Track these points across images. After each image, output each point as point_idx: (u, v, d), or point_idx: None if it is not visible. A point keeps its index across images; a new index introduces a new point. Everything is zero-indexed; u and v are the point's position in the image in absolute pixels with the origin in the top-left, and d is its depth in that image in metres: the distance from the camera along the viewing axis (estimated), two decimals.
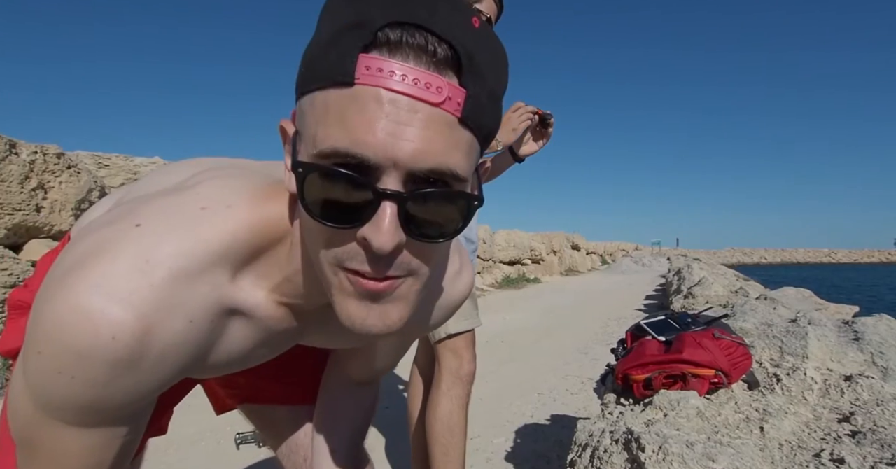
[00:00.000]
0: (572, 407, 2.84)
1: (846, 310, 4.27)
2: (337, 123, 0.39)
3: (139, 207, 0.49)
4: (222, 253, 0.48)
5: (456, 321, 1.46)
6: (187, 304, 0.46)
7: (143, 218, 0.47)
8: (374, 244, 0.41)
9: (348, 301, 0.46)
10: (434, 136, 0.40)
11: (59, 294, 0.42)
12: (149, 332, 0.43)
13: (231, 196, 0.51)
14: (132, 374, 0.44)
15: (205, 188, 0.51)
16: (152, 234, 0.45)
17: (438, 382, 1.46)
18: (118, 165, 4.82)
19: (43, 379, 0.43)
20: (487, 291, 9.03)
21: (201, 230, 0.47)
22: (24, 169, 3.28)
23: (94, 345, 0.41)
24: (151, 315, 0.43)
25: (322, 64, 0.40)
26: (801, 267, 61.30)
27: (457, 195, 0.43)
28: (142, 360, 0.44)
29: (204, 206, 0.49)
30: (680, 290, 5.79)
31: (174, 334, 0.45)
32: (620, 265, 20.00)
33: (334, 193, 0.41)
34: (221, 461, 2.05)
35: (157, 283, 0.44)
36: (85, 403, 0.44)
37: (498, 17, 1.55)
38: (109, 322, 0.42)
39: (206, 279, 0.47)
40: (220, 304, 0.49)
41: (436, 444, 1.43)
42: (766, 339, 1.55)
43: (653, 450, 0.88)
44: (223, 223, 0.48)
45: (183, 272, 0.45)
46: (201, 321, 0.48)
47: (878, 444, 0.90)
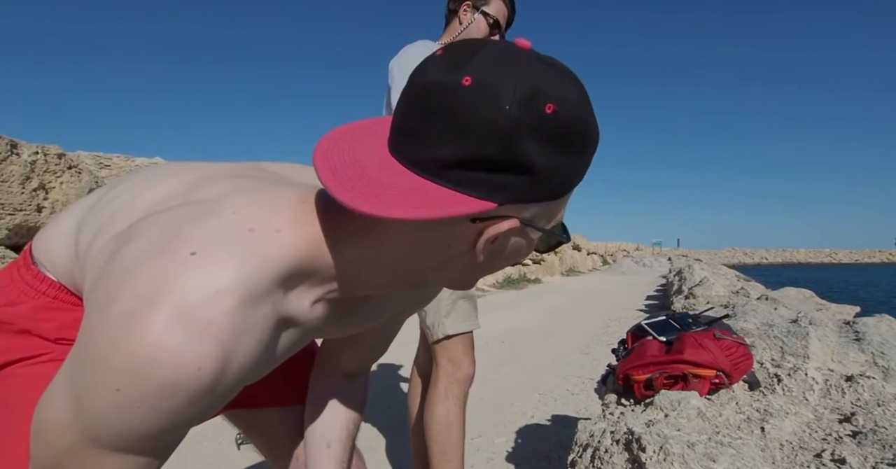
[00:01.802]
0: (573, 407, 2.84)
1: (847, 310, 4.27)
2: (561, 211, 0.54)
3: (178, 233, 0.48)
4: (281, 276, 0.49)
5: (455, 322, 1.46)
6: (257, 326, 0.47)
7: (194, 244, 0.47)
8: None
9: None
10: None
11: (133, 332, 0.42)
12: (230, 357, 0.45)
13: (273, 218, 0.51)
14: (209, 400, 0.46)
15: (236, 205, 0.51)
16: (212, 261, 0.46)
17: (436, 383, 1.46)
18: (119, 166, 4.83)
19: (115, 414, 0.43)
20: (488, 291, 9.02)
21: (260, 255, 0.48)
22: (24, 169, 3.28)
23: (181, 378, 0.42)
24: (230, 341, 0.45)
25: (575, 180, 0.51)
26: (802, 267, 61.23)
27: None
28: (220, 384, 0.45)
29: (251, 228, 0.49)
30: (681, 290, 5.79)
31: (250, 356, 0.47)
32: (621, 265, 19.99)
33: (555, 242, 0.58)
34: (222, 461, 2.05)
35: (230, 310, 0.44)
36: (156, 432, 0.45)
37: (509, 21, 1.54)
38: (195, 354, 0.42)
39: (268, 300, 0.48)
40: (279, 319, 0.51)
41: (434, 444, 1.43)
42: (767, 339, 1.55)
43: (654, 450, 0.88)
44: (279, 248, 0.49)
45: (250, 297, 0.46)
46: (268, 339, 0.49)
47: (880, 445, 0.90)
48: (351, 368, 0.84)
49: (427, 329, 1.49)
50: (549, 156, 0.45)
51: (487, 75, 0.43)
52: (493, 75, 0.43)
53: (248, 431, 0.90)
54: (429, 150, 0.44)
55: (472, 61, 0.44)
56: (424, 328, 1.51)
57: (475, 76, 0.43)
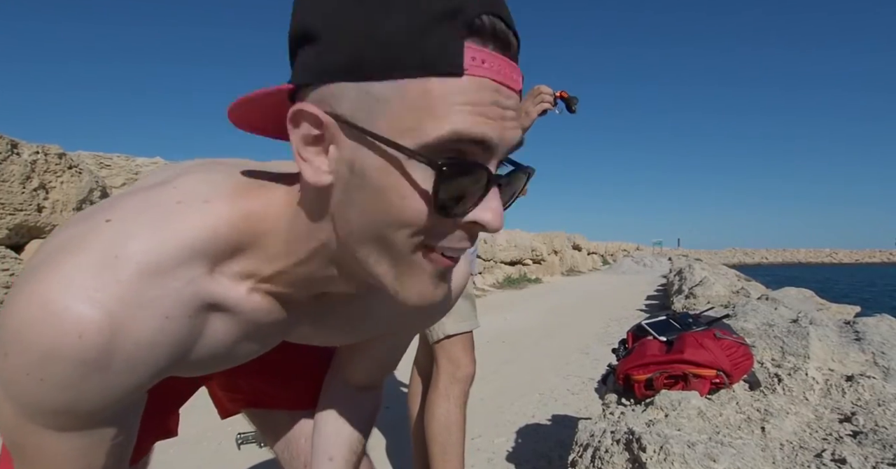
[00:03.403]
0: (573, 407, 2.84)
1: (847, 310, 4.27)
2: (451, 111, 0.39)
3: (113, 203, 0.48)
4: (199, 248, 0.46)
5: (454, 322, 1.46)
6: (161, 301, 0.44)
7: (114, 213, 0.46)
8: (491, 226, 0.43)
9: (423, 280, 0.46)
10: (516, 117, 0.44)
11: (24, 292, 0.41)
12: (118, 329, 0.42)
13: (208, 191, 0.49)
14: (104, 374, 0.43)
15: (181, 182, 0.50)
16: (122, 228, 0.44)
17: (436, 383, 1.46)
18: (120, 166, 4.83)
19: (13, 382, 0.42)
20: (489, 291, 9.02)
21: (176, 225, 0.45)
22: (25, 169, 3.29)
23: (59, 344, 0.40)
24: (120, 312, 0.42)
25: (417, 53, 0.38)
26: (802, 267, 61.23)
27: (528, 168, 0.49)
28: (113, 359, 0.42)
29: (180, 201, 0.47)
30: (681, 290, 5.79)
31: (148, 332, 0.44)
32: (622, 265, 19.98)
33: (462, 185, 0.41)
34: (223, 461, 2.05)
35: (126, 278, 0.42)
36: (59, 406, 0.43)
37: None
38: (75, 320, 0.40)
39: (179, 274, 0.45)
40: (198, 300, 0.47)
41: (434, 444, 1.43)
42: (767, 339, 1.55)
43: (654, 450, 0.88)
44: (200, 218, 0.46)
45: (154, 267, 0.43)
46: (178, 318, 0.46)
47: (880, 445, 0.90)
48: (359, 381, 0.82)
49: (427, 329, 1.49)
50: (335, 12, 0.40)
51: None
52: None
53: (263, 430, 0.90)
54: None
55: None
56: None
57: None
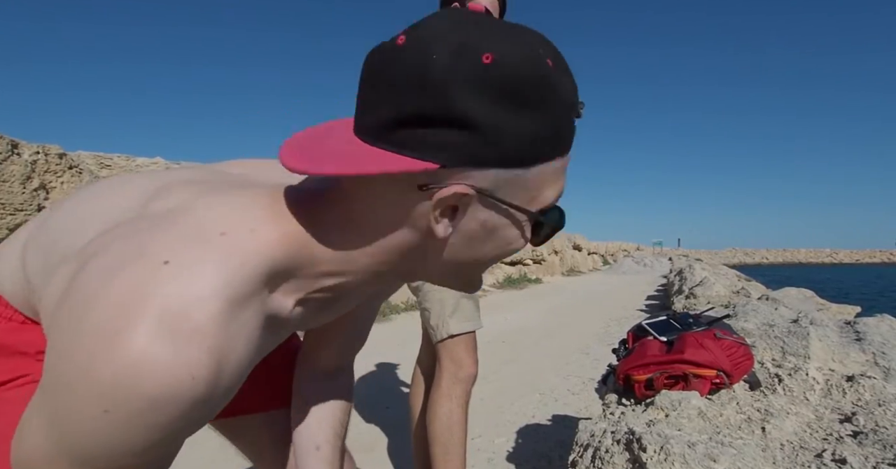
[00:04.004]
0: (574, 407, 2.84)
1: (848, 310, 4.27)
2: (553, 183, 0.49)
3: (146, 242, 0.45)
4: (262, 276, 0.47)
5: (458, 322, 1.46)
6: (245, 329, 0.45)
7: (165, 253, 0.44)
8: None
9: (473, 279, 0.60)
10: None
11: (115, 347, 0.39)
12: (221, 363, 0.43)
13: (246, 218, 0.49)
14: (205, 408, 0.44)
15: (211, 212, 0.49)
16: (187, 268, 0.43)
17: (438, 382, 1.46)
18: (120, 166, 4.83)
19: (106, 436, 0.40)
20: (489, 291, 9.02)
21: (237, 256, 0.46)
22: (25, 169, 3.29)
23: (174, 390, 0.40)
24: (221, 347, 0.42)
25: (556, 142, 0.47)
26: (802, 267, 61.19)
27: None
28: (216, 393, 0.44)
29: (223, 232, 0.47)
30: (681, 290, 5.79)
31: (240, 360, 0.45)
32: (622, 265, 19.97)
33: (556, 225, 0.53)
34: (223, 461, 2.06)
35: (216, 314, 0.42)
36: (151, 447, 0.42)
37: (502, 10, 1.54)
38: (186, 364, 0.40)
39: (254, 300, 0.46)
40: (265, 320, 0.49)
41: (436, 444, 1.44)
42: (767, 339, 1.55)
43: (654, 450, 0.88)
44: (255, 247, 0.47)
45: (234, 300, 0.44)
46: (258, 341, 0.48)
47: (881, 445, 0.89)
48: (332, 363, 0.82)
49: (431, 329, 1.49)
50: (493, 111, 0.41)
51: (422, 32, 0.42)
52: (427, 32, 0.42)
53: (234, 440, 0.87)
54: (371, 116, 0.43)
55: (414, 25, 0.43)
56: (428, 328, 1.52)
57: (409, 35, 0.42)
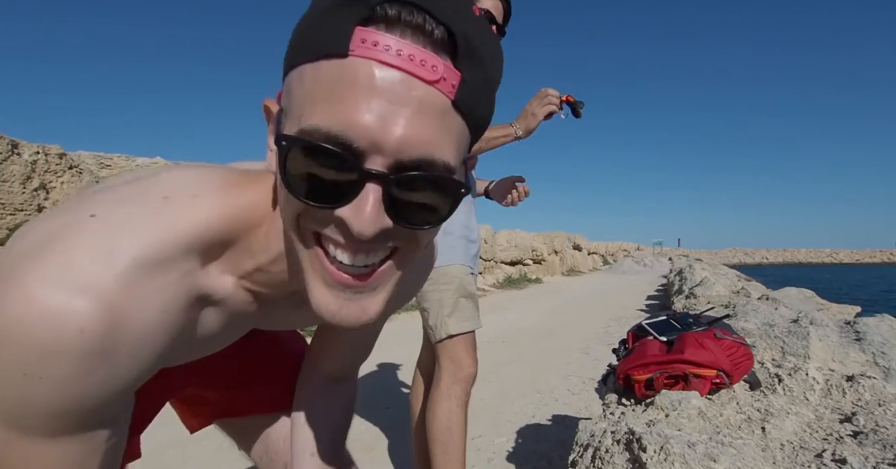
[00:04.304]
0: (574, 407, 2.84)
1: (848, 310, 4.27)
2: (325, 99, 0.38)
3: (93, 197, 0.46)
4: (193, 242, 0.46)
5: (457, 322, 1.46)
6: (158, 295, 0.44)
7: (97, 208, 0.44)
8: (353, 228, 0.40)
9: (321, 289, 0.44)
10: (426, 120, 0.39)
11: (10, 290, 0.39)
12: (119, 322, 0.41)
13: (195, 186, 0.48)
14: (107, 368, 0.42)
15: (164, 178, 0.49)
16: (110, 223, 0.43)
17: (438, 382, 1.46)
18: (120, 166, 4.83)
19: (6, 387, 0.39)
20: (489, 291, 9.02)
21: (168, 220, 0.45)
22: (25, 169, 3.29)
23: (61, 340, 0.38)
24: (120, 305, 0.41)
25: (314, 36, 0.39)
26: (802, 267, 61.23)
27: (444, 181, 0.42)
28: (114, 353, 0.42)
29: (167, 196, 0.47)
30: (681, 290, 5.78)
31: (147, 324, 0.43)
32: (622, 265, 19.98)
33: (317, 170, 0.39)
34: (223, 461, 2.05)
35: (123, 272, 0.41)
36: (59, 406, 0.41)
37: (506, 20, 1.54)
38: (75, 314, 0.39)
39: (175, 267, 0.45)
40: (192, 293, 0.47)
41: (436, 444, 1.43)
42: (767, 339, 1.55)
43: (654, 450, 0.88)
44: (193, 213, 0.46)
45: (149, 262, 0.43)
46: (175, 310, 0.46)
47: (881, 445, 0.89)
48: (335, 372, 0.82)
49: (430, 329, 1.49)
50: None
51: None
52: None
53: (237, 438, 0.88)
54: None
55: None
56: (427, 328, 1.52)
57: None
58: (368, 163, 0.39)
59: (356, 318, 0.45)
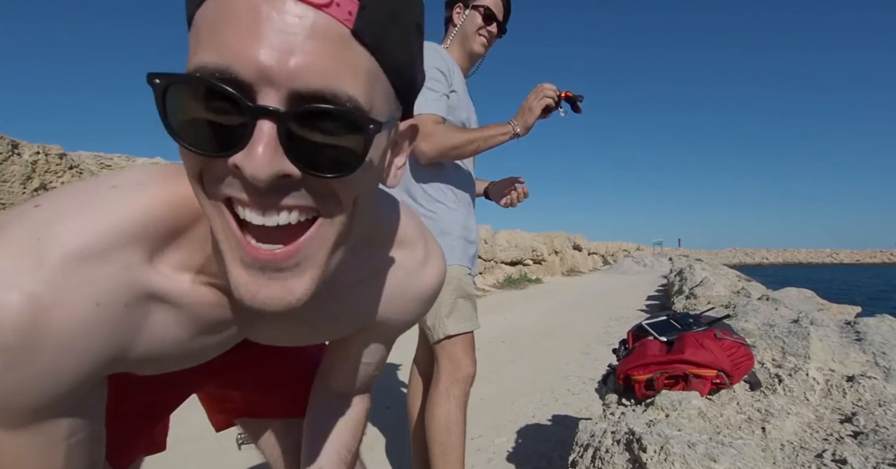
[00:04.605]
0: (574, 407, 2.84)
1: (848, 310, 4.26)
2: (208, 36, 0.35)
3: (49, 192, 0.46)
4: (133, 231, 0.43)
5: (455, 323, 1.46)
6: (89, 286, 0.41)
7: (45, 199, 0.44)
8: (246, 172, 0.35)
9: (239, 269, 0.40)
10: (321, 48, 0.35)
11: None
12: (41, 314, 0.39)
13: (144, 176, 0.47)
14: (32, 363, 0.40)
15: (122, 171, 0.48)
16: (50, 212, 0.42)
17: (437, 383, 1.46)
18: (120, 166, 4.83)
19: None
20: (489, 292, 9.02)
21: (108, 207, 0.43)
22: (26, 169, 3.29)
23: None
24: (43, 296, 0.39)
25: None
26: (803, 267, 61.25)
27: (348, 114, 0.37)
28: (38, 346, 0.39)
29: (115, 185, 0.45)
30: (682, 290, 5.78)
31: (77, 319, 0.41)
32: (622, 265, 19.98)
33: (203, 113, 0.36)
34: (223, 461, 2.05)
35: (50, 262, 0.40)
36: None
37: (506, 17, 1.54)
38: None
39: (113, 259, 0.42)
40: (135, 289, 0.44)
41: (434, 444, 1.43)
42: (768, 339, 1.55)
43: (654, 450, 0.88)
44: (134, 200, 0.44)
45: (81, 251, 0.41)
46: (111, 305, 0.43)
47: (881, 445, 0.89)
48: (344, 388, 0.81)
49: (428, 329, 1.49)
50: None
51: None
52: None
53: (256, 439, 0.89)
54: None
55: None
56: (425, 328, 1.51)
57: None
58: (260, 99, 0.35)
59: (279, 299, 0.41)
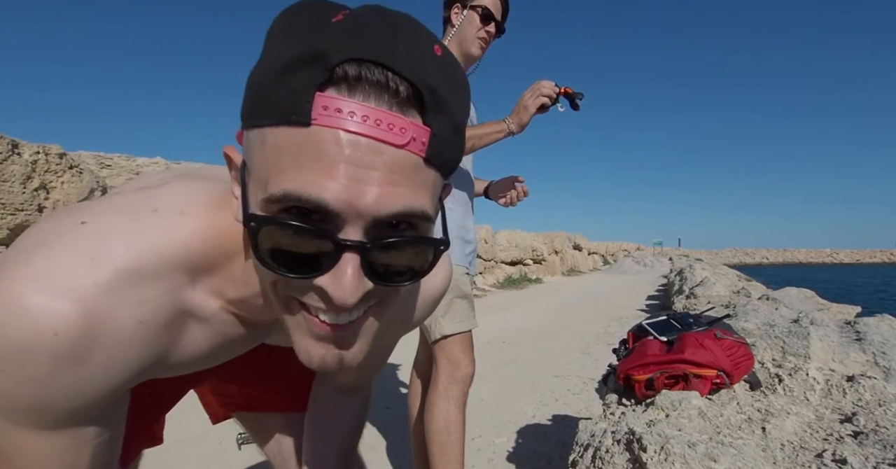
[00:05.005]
0: (574, 407, 2.84)
1: (848, 310, 4.26)
2: (291, 166, 0.37)
3: (90, 205, 0.48)
4: (174, 261, 0.46)
5: (451, 322, 1.46)
6: (137, 306, 0.44)
7: (90, 216, 0.46)
8: (335, 299, 0.39)
9: (306, 339, 0.45)
10: (399, 179, 0.38)
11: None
12: (93, 329, 0.42)
13: (185, 202, 0.49)
14: (78, 372, 0.42)
15: (160, 191, 0.50)
16: (98, 231, 0.44)
17: (435, 383, 1.46)
18: (120, 166, 4.84)
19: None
20: (489, 291, 9.02)
21: (151, 235, 0.45)
22: (26, 169, 3.29)
23: (34, 340, 0.40)
24: (97, 312, 0.41)
25: (273, 99, 0.37)
26: (803, 267, 61.26)
27: (423, 241, 0.42)
28: (87, 359, 0.42)
29: (155, 209, 0.48)
30: (682, 290, 5.78)
31: (123, 334, 0.44)
32: (622, 265, 19.98)
33: (290, 245, 0.39)
34: (223, 461, 2.05)
35: (103, 281, 0.42)
36: (35, 404, 0.43)
37: (504, 16, 1.54)
38: (51, 317, 0.40)
39: (157, 282, 0.45)
40: (176, 309, 0.48)
41: (434, 444, 1.43)
42: (768, 339, 1.55)
43: (654, 450, 0.88)
44: (176, 230, 0.47)
45: (130, 273, 0.43)
46: (154, 323, 0.46)
47: (881, 445, 0.89)
48: (346, 384, 0.82)
49: (425, 329, 1.49)
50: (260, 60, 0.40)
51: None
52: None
53: (254, 434, 0.90)
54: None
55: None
56: (423, 328, 1.51)
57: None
58: (345, 227, 0.38)
59: (340, 363, 0.46)
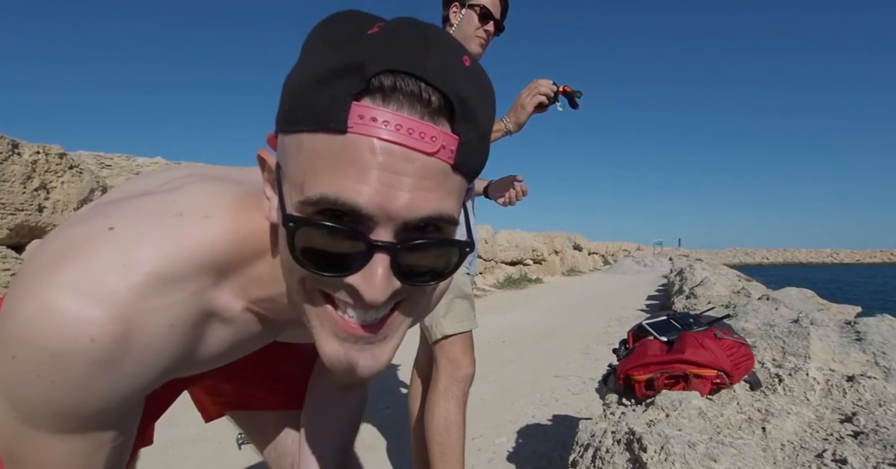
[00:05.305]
0: (574, 407, 2.84)
1: (848, 310, 4.26)
2: (328, 171, 0.39)
3: (112, 209, 0.49)
4: (203, 262, 0.47)
5: (452, 322, 1.46)
6: (168, 310, 0.45)
7: (117, 221, 0.46)
8: (366, 297, 0.41)
9: (332, 341, 0.46)
10: (429, 185, 0.40)
11: (30, 295, 0.41)
12: (128, 334, 0.43)
13: (208, 205, 0.50)
14: (111, 376, 0.44)
15: (181, 194, 0.51)
16: (127, 237, 0.45)
17: (436, 383, 1.46)
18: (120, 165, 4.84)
19: (20, 385, 0.42)
20: (489, 291, 9.02)
21: (179, 239, 0.46)
22: (26, 169, 3.29)
23: (71, 346, 0.40)
24: (131, 317, 0.43)
25: (311, 107, 0.40)
26: (803, 267, 61.26)
27: (449, 243, 0.44)
28: (121, 362, 0.43)
29: (180, 213, 0.48)
30: (682, 290, 5.78)
31: (154, 338, 0.45)
32: (622, 265, 19.97)
33: (325, 245, 0.41)
34: (223, 461, 2.05)
35: (135, 286, 0.43)
36: (66, 408, 0.43)
37: (503, 15, 1.54)
38: (87, 323, 0.41)
39: (187, 286, 0.46)
40: (202, 311, 0.49)
41: (434, 444, 1.43)
42: (768, 339, 1.55)
43: (655, 450, 0.88)
44: (202, 233, 0.48)
45: (161, 278, 0.44)
46: (183, 326, 0.47)
47: (881, 445, 0.89)
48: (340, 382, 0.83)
49: (425, 329, 1.49)
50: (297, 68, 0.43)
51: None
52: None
53: (248, 432, 0.90)
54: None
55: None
56: (423, 328, 1.51)
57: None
58: (376, 229, 0.40)
59: (369, 368, 0.47)
